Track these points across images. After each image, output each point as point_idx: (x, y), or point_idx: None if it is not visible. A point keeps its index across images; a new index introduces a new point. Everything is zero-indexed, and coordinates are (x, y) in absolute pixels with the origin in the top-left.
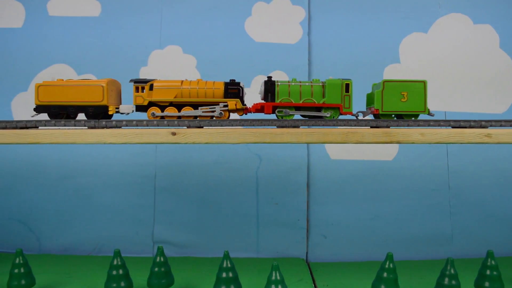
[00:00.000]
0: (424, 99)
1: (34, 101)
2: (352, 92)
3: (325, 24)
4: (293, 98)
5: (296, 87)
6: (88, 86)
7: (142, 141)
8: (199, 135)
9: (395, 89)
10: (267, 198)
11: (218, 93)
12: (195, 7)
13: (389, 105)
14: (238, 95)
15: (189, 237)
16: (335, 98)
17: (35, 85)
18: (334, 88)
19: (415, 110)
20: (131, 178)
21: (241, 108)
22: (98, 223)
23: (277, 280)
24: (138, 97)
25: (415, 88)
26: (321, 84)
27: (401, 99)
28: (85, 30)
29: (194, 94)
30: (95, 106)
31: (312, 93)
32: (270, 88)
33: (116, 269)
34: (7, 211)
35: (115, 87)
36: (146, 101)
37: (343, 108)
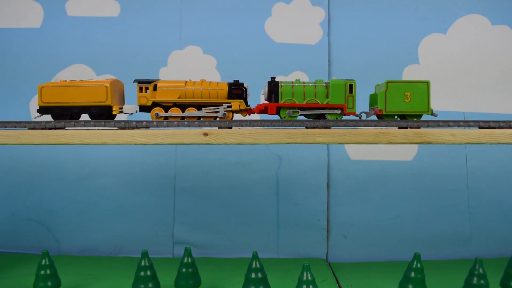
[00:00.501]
0: (427, 100)
1: (38, 103)
2: (355, 92)
3: (344, 25)
4: (297, 99)
5: (300, 88)
6: (92, 87)
7: (174, 142)
8: (231, 136)
9: (398, 89)
10: (287, 199)
11: (222, 93)
12: (215, 8)
13: (393, 106)
14: (241, 96)
15: (209, 238)
16: (339, 98)
17: (38, 87)
18: (337, 88)
19: (418, 110)
20: (151, 179)
21: (245, 109)
22: (117, 224)
23: (308, 280)
24: (142, 98)
25: (418, 89)
26: (325, 85)
27: (405, 100)
28: (104, 30)
29: (198, 94)
30: (99, 106)
31: (315, 94)
32: (274, 89)
33: (144, 270)
34: (25, 212)
35: (118, 87)
36: (150, 101)
37: (347, 109)
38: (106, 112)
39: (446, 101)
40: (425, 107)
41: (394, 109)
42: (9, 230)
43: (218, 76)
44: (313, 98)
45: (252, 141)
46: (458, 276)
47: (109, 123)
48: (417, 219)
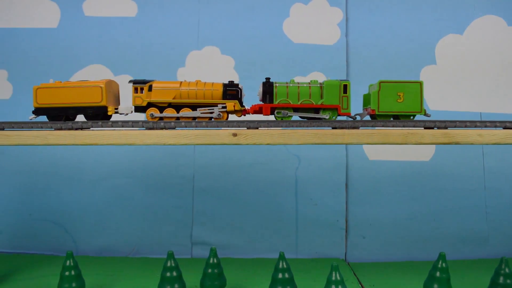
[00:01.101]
0: (420, 100)
1: (33, 104)
2: (350, 93)
3: (362, 26)
4: (291, 99)
5: (294, 88)
6: (87, 88)
7: (203, 142)
8: (260, 136)
9: (391, 89)
10: (306, 199)
11: (217, 94)
12: (233, 8)
13: (386, 106)
14: (236, 97)
15: (227, 238)
16: (333, 99)
17: (33, 88)
18: (332, 89)
19: (411, 110)
20: (170, 179)
21: (240, 109)
22: (135, 225)
23: (337, 280)
24: (137, 98)
25: (411, 89)
26: (319, 85)
27: (397, 100)
28: (122, 30)
29: (193, 95)
30: (94, 107)
31: (310, 94)
32: (268, 90)
33: (170, 270)
34: (43, 212)
35: (113, 88)
36: (145, 102)
37: (341, 109)
38: (102, 113)
39: (462, 102)
40: (418, 107)
41: (387, 109)
42: (27, 231)
43: (237, 76)
44: (308, 98)
45: (282, 142)
46: (481, 275)
47: (137, 123)
48: (435, 219)
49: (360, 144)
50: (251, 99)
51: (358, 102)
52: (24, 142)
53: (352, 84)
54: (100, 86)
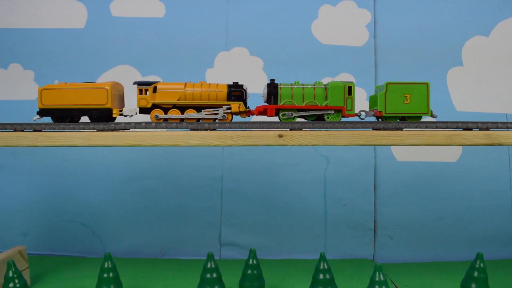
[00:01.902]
0: (427, 101)
1: (38, 105)
2: (354, 94)
3: (390, 27)
4: (296, 101)
5: (299, 90)
6: (92, 90)
7: (248, 144)
8: (306, 137)
9: (398, 91)
10: (335, 200)
11: (221, 95)
12: (262, 9)
13: (392, 107)
14: (241, 98)
15: (256, 239)
16: (338, 100)
17: (38, 89)
18: (336, 90)
19: (418, 112)
20: (198, 180)
21: (244, 110)
22: (163, 226)
23: (381, 280)
24: (142, 100)
25: (418, 90)
26: (324, 87)
27: (404, 101)
28: (149, 31)
29: (198, 96)
30: (99, 109)
31: (314, 96)
32: (273, 91)
33: (210, 272)
34: (70, 214)
35: (118, 90)
36: (150, 103)
37: (346, 111)
38: (106, 115)
39: (489, 103)
40: (424, 109)
41: (393, 110)
42: (53, 232)
43: (265, 77)
44: (312, 100)
45: (327, 143)
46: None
47: (182, 124)
48: (462, 220)
49: (405, 145)
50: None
51: None
52: (66, 143)
53: None
54: (105, 88)
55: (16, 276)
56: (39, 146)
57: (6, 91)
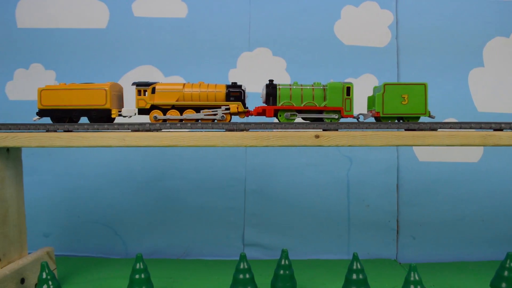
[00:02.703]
0: (424, 102)
1: (37, 105)
2: (353, 95)
3: (412, 28)
4: (295, 102)
5: (298, 91)
6: (91, 90)
7: (285, 144)
8: (342, 138)
9: (395, 91)
10: (358, 200)
11: (220, 96)
12: (284, 9)
13: (390, 108)
14: (240, 98)
15: (279, 240)
16: (336, 101)
17: (37, 89)
18: (335, 91)
19: (416, 112)
20: (221, 181)
21: (243, 111)
22: (186, 226)
23: (416, 280)
24: (141, 100)
25: (415, 91)
26: (322, 88)
27: (402, 102)
28: (172, 31)
29: (196, 97)
30: (98, 109)
31: (313, 97)
32: (272, 92)
33: (243, 273)
34: (92, 214)
35: (117, 90)
36: (149, 104)
37: (344, 111)
38: (105, 115)
39: (510, 103)
40: (422, 109)
41: (391, 111)
42: (75, 233)
43: (288, 78)
44: (311, 100)
45: (363, 143)
46: None
47: (217, 125)
48: (484, 220)
49: (440, 145)
50: None
51: None
52: (101, 143)
53: None
54: (104, 89)
55: (50, 278)
56: (73, 146)
57: (28, 91)
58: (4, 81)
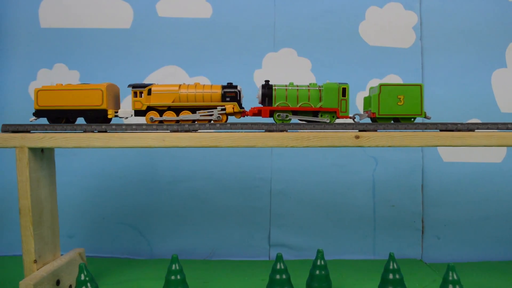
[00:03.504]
0: (420, 103)
1: (34, 106)
2: (349, 96)
3: (436, 29)
4: (290, 102)
5: (293, 91)
6: (87, 91)
7: (325, 145)
8: (382, 139)
9: (391, 92)
10: (384, 200)
11: (216, 96)
12: (309, 10)
13: (386, 109)
14: (235, 99)
15: (305, 240)
16: (332, 102)
17: (34, 90)
18: (330, 92)
19: (411, 113)
20: (247, 181)
21: (239, 111)
22: (212, 227)
23: (454, 280)
24: (137, 102)
25: (411, 92)
26: (318, 88)
27: (398, 103)
28: (196, 31)
29: (192, 98)
30: (94, 110)
31: (309, 97)
32: (268, 92)
33: (280, 273)
34: (117, 215)
35: (113, 91)
36: (145, 106)
37: (340, 112)
38: (102, 116)
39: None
40: (418, 110)
41: (387, 112)
42: (100, 234)
43: (313, 78)
44: (307, 101)
45: (402, 144)
46: None
47: (257, 125)
48: (508, 220)
49: (478, 146)
50: None
51: (438, 104)
52: (140, 144)
53: (428, 87)
54: (100, 89)
55: (88, 279)
56: (111, 147)
57: None
58: (28, 81)
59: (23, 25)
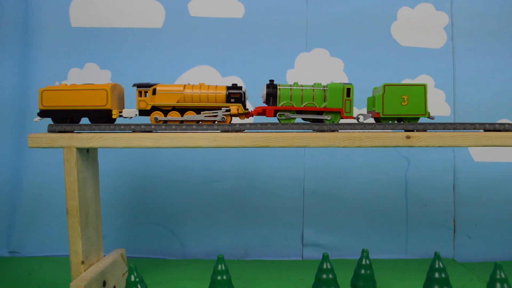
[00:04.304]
0: (424, 103)
1: (38, 106)
2: (353, 96)
3: (467, 30)
4: (295, 102)
5: (298, 91)
6: (92, 91)
7: (377, 145)
8: (433, 139)
9: (395, 92)
10: (416, 200)
11: (220, 97)
12: (341, 10)
13: (390, 109)
14: (240, 100)
15: (338, 240)
16: (336, 102)
17: (39, 90)
18: (335, 92)
19: (415, 113)
20: (280, 181)
21: (243, 112)
22: (245, 227)
23: (502, 278)
24: (141, 102)
25: (415, 92)
26: (323, 88)
27: (402, 103)
28: (228, 31)
29: (197, 98)
30: (99, 110)
31: (313, 97)
32: (272, 92)
33: (326, 273)
34: (150, 216)
35: (118, 91)
36: (149, 105)
37: (344, 113)
38: (106, 116)
39: None
40: (422, 110)
41: (391, 112)
42: (132, 234)
43: (346, 78)
44: (311, 101)
45: (452, 144)
46: None
47: (305, 125)
48: None
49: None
50: None
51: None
52: (191, 144)
53: (459, 87)
54: (105, 89)
55: (139, 281)
56: (161, 147)
57: None
58: (59, 80)
59: (54, 25)
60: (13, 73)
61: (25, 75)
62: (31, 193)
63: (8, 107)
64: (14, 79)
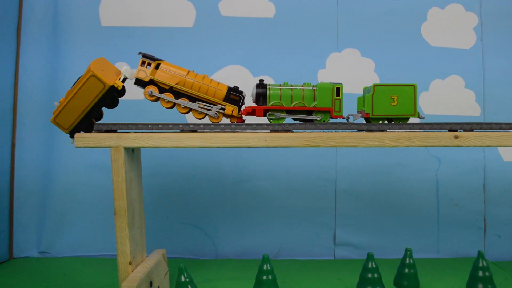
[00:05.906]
0: (414, 103)
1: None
2: (342, 96)
3: (495, 31)
4: (284, 102)
5: (287, 91)
6: (84, 86)
7: (425, 145)
8: (480, 139)
9: (385, 93)
10: (447, 199)
11: (220, 94)
12: (371, 11)
13: (380, 109)
14: (237, 103)
15: (370, 239)
16: (326, 102)
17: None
18: (325, 92)
19: (405, 113)
20: (312, 181)
21: (237, 116)
22: (277, 227)
23: None
24: (141, 71)
25: (405, 92)
26: (312, 88)
27: (391, 103)
28: (259, 31)
29: (196, 87)
30: (104, 95)
31: (303, 97)
32: (262, 92)
33: (372, 272)
34: (181, 215)
35: (104, 64)
36: (148, 78)
37: (334, 112)
38: (113, 94)
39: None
40: (412, 110)
41: (381, 112)
42: (164, 234)
43: (377, 78)
44: (301, 101)
45: (500, 144)
46: None
47: (356, 125)
48: None
49: None
50: None
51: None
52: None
53: (489, 88)
54: (91, 75)
55: (189, 281)
56: (211, 147)
57: None
58: None
59: (84, 24)
60: (43, 73)
61: (55, 75)
62: (61, 193)
63: (39, 107)
64: (45, 79)
